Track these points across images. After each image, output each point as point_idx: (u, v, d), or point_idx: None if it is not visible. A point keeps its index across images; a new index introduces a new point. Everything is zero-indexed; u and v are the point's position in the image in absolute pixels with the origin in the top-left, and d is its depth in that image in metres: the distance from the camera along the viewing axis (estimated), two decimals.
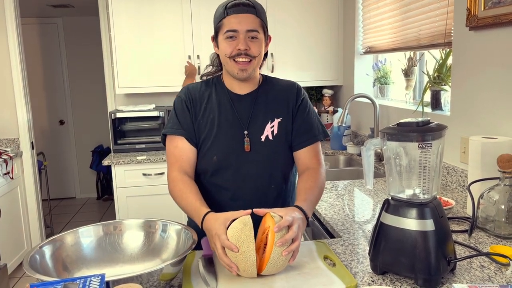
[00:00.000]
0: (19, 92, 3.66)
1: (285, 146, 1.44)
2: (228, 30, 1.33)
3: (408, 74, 2.61)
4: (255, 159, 1.41)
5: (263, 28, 1.37)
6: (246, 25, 1.33)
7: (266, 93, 1.46)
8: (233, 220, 1.16)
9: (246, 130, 1.41)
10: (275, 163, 1.44)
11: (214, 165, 1.41)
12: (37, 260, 1.10)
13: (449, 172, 2.03)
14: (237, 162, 1.41)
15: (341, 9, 3.48)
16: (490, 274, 1.17)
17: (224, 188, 1.43)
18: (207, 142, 1.42)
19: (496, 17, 1.68)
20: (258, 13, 1.36)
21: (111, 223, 1.30)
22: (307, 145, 1.45)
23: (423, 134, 1.10)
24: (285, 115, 1.44)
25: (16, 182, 3.60)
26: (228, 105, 1.43)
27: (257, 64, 1.40)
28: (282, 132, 1.43)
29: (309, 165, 1.44)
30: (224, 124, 1.41)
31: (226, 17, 1.34)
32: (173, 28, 3.32)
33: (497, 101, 1.76)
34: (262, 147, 1.41)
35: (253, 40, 1.35)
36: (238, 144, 1.41)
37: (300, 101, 1.47)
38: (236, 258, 1.12)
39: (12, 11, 3.57)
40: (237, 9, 1.33)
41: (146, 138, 3.41)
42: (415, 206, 1.13)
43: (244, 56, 1.34)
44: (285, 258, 1.15)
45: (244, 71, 1.37)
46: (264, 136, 1.42)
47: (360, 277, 1.18)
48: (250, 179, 1.42)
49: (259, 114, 1.43)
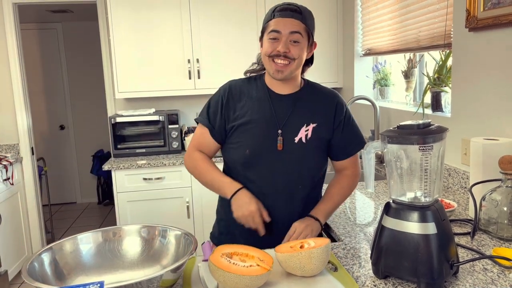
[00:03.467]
0: (19, 98, 3.66)
1: (316, 151, 1.48)
2: (272, 31, 1.40)
3: (408, 75, 2.60)
4: (285, 158, 1.45)
5: (307, 32, 1.42)
6: (289, 27, 1.38)
7: (307, 97, 1.50)
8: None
9: (280, 129, 1.45)
10: (304, 165, 1.47)
11: (246, 158, 1.46)
12: (36, 268, 1.09)
13: (450, 174, 2.02)
14: (268, 159, 1.45)
15: (340, 11, 3.48)
16: (494, 277, 1.16)
17: (251, 182, 1.47)
18: (242, 135, 1.47)
19: (496, 18, 1.68)
20: (304, 18, 1.41)
21: (110, 229, 1.29)
22: (347, 157, 1.54)
23: (423, 137, 1.09)
24: (322, 122, 1.48)
25: (17, 188, 3.59)
26: (266, 103, 1.47)
27: (296, 67, 1.43)
28: (315, 137, 1.47)
29: (346, 171, 1.55)
30: (261, 120, 1.46)
31: (272, 19, 1.41)
32: (172, 32, 3.32)
33: (498, 102, 1.75)
34: (294, 148, 1.45)
35: (295, 43, 1.39)
36: (271, 141, 1.45)
37: (344, 115, 1.51)
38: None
39: (11, 17, 3.57)
40: (284, 13, 1.40)
41: (146, 142, 3.40)
42: (416, 209, 1.12)
43: (283, 58, 1.39)
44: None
45: (280, 72, 1.41)
46: (298, 138, 1.45)
47: (362, 282, 1.17)
48: (279, 177, 1.46)
49: (296, 116, 1.47)
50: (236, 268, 1.09)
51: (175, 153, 3.42)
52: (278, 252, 1.19)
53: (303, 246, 1.20)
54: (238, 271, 1.08)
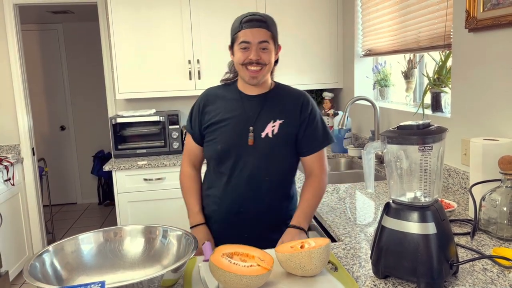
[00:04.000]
0: (20, 98, 3.67)
1: (283, 147, 1.61)
2: (242, 42, 1.53)
3: (408, 76, 2.60)
4: (254, 153, 1.59)
5: (273, 39, 1.57)
6: (258, 37, 1.52)
7: (275, 97, 1.65)
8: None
9: (252, 126, 1.58)
10: (271, 159, 1.60)
11: (218, 153, 1.61)
12: (37, 268, 1.09)
13: (450, 174, 2.02)
14: (238, 153, 1.59)
15: (340, 12, 3.49)
16: (493, 277, 1.16)
17: (223, 175, 1.63)
18: (215, 132, 1.62)
19: (495, 18, 1.68)
20: (269, 27, 1.55)
21: (111, 230, 1.29)
22: (312, 152, 1.64)
23: (423, 137, 1.09)
24: (288, 119, 1.61)
25: (17, 189, 3.60)
26: (238, 103, 1.63)
27: (267, 71, 1.59)
28: (282, 133, 1.59)
29: (313, 170, 1.65)
30: (232, 119, 1.60)
31: (241, 31, 1.53)
32: (172, 33, 3.32)
33: (498, 102, 1.75)
34: (261, 143, 1.59)
35: (264, 50, 1.54)
36: (242, 137, 1.59)
37: (309, 112, 1.64)
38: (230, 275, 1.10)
39: (12, 18, 3.58)
40: (250, 24, 1.52)
41: (147, 143, 3.40)
42: (416, 209, 1.12)
43: (255, 64, 1.54)
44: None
45: (255, 78, 1.56)
46: (264, 133, 1.59)
47: (362, 281, 1.17)
48: (247, 170, 1.60)
49: (265, 114, 1.61)
50: (236, 268, 1.09)
51: (176, 153, 3.43)
52: (279, 252, 1.20)
53: (304, 246, 1.21)
54: (239, 271, 1.08)
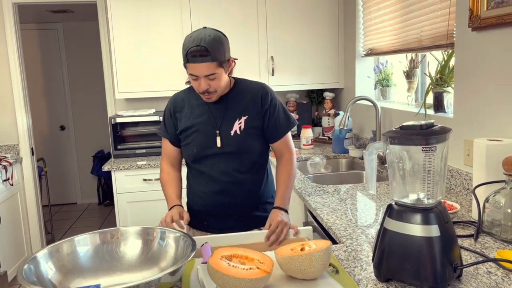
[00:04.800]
0: (19, 98, 3.65)
1: (252, 139, 1.73)
2: (190, 74, 1.61)
3: (410, 76, 2.58)
4: (226, 151, 1.71)
5: (220, 65, 1.60)
6: (203, 71, 1.58)
7: (236, 95, 1.75)
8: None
9: (218, 129, 1.71)
10: (243, 153, 1.72)
11: (194, 155, 1.75)
12: (32, 270, 1.07)
13: (453, 175, 2.00)
14: (212, 153, 1.72)
15: (342, 11, 3.46)
16: (498, 280, 1.14)
17: (202, 172, 1.76)
18: (189, 137, 1.75)
19: (499, 17, 1.66)
20: (214, 57, 1.56)
21: (108, 231, 1.27)
22: (278, 138, 1.78)
23: (427, 138, 1.07)
24: (252, 113, 1.73)
25: (16, 189, 3.58)
26: (204, 108, 1.75)
27: (221, 92, 1.68)
28: (248, 127, 1.72)
29: (283, 154, 1.80)
30: (201, 124, 1.73)
31: (188, 63, 1.59)
32: (172, 32, 3.30)
33: (501, 102, 1.73)
34: (231, 140, 1.71)
35: (213, 80, 1.60)
36: (212, 139, 1.71)
37: (269, 103, 1.74)
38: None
39: (11, 17, 3.56)
40: (194, 59, 1.56)
41: (146, 143, 3.39)
42: (419, 211, 1.10)
43: (207, 93, 1.64)
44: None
45: (209, 99, 1.68)
46: (233, 131, 1.71)
47: (364, 285, 1.15)
48: (223, 166, 1.73)
49: (229, 114, 1.73)
50: (235, 271, 1.07)
51: None
52: (279, 255, 1.17)
53: (304, 248, 1.18)
54: (238, 274, 1.06)
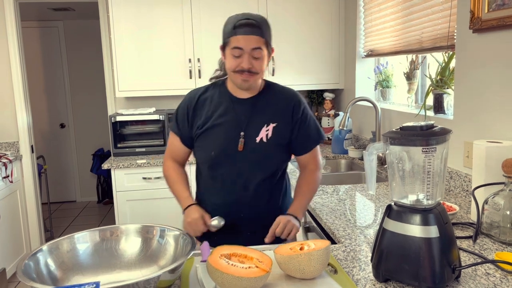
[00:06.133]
0: (19, 95, 3.65)
1: (277, 149, 1.58)
2: (235, 47, 1.45)
3: (410, 77, 2.58)
4: (248, 158, 1.55)
5: (266, 45, 1.49)
6: (251, 44, 1.44)
7: (266, 99, 1.59)
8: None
9: (242, 131, 1.54)
10: (266, 162, 1.57)
11: (212, 158, 1.56)
12: (32, 267, 1.07)
13: (452, 177, 2.00)
14: (231, 159, 1.55)
15: (343, 12, 3.47)
16: (496, 282, 1.14)
17: (217, 180, 1.60)
18: (207, 137, 1.57)
19: (500, 19, 1.66)
20: (263, 33, 1.47)
21: (108, 229, 1.27)
22: (307, 151, 1.64)
23: (427, 138, 1.07)
24: (281, 121, 1.57)
25: (16, 186, 3.58)
26: (229, 107, 1.57)
27: (259, 78, 1.53)
28: (276, 136, 1.56)
29: (308, 166, 1.67)
30: (224, 124, 1.55)
31: (234, 36, 1.45)
32: (173, 31, 3.30)
33: (501, 105, 1.73)
34: (256, 147, 1.55)
35: (257, 59, 1.47)
36: (234, 143, 1.54)
37: (301, 113, 1.60)
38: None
39: (12, 14, 3.56)
40: (244, 30, 1.44)
41: (146, 141, 3.39)
42: (418, 212, 1.10)
43: (247, 73, 1.47)
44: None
45: (246, 82, 1.50)
46: (259, 138, 1.55)
47: (362, 285, 1.15)
48: (242, 174, 1.56)
49: (257, 117, 1.56)
50: (234, 270, 1.07)
51: None
52: (278, 254, 1.18)
53: (303, 248, 1.19)
54: (237, 272, 1.06)
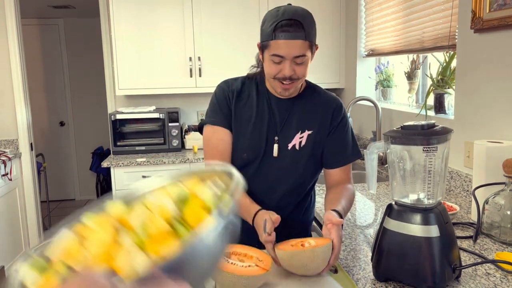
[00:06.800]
0: (19, 93, 3.64)
1: (308, 159, 1.43)
2: (275, 55, 1.29)
3: (411, 77, 2.58)
4: (278, 165, 1.42)
5: (310, 48, 1.31)
6: (294, 51, 1.27)
7: (305, 101, 1.44)
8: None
9: (277, 136, 1.41)
10: (296, 172, 1.43)
11: (243, 161, 1.42)
12: None
13: (452, 177, 2.00)
14: (262, 163, 1.42)
15: (343, 11, 3.46)
16: (496, 281, 1.14)
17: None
18: (240, 138, 1.42)
19: (502, 19, 1.66)
20: (308, 34, 1.28)
21: None
22: (340, 166, 1.45)
23: (428, 138, 1.07)
24: (318, 129, 1.42)
25: (15, 184, 3.57)
26: (265, 107, 1.43)
27: (301, 82, 1.38)
28: (310, 144, 1.42)
29: (339, 183, 1.45)
30: (259, 125, 1.41)
31: (274, 40, 1.27)
32: (174, 30, 3.30)
33: (502, 105, 1.73)
34: (287, 154, 1.41)
35: (300, 64, 1.31)
36: (268, 146, 1.41)
37: (340, 120, 1.44)
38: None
39: (12, 12, 3.55)
40: (286, 34, 1.26)
41: (146, 140, 3.38)
42: (419, 211, 1.10)
43: (288, 80, 1.32)
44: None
45: (287, 91, 1.36)
46: (291, 144, 1.41)
47: (362, 284, 1.15)
48: (269, 182, 1.43)
49: (293, 121, 1.42)
50: (234, 268, 1.07)
51: (175, 151, 3.40)
52: (280, 250, 1.16)
53: (304, 245, 1.18)
54: (236, 270, 1.06)
